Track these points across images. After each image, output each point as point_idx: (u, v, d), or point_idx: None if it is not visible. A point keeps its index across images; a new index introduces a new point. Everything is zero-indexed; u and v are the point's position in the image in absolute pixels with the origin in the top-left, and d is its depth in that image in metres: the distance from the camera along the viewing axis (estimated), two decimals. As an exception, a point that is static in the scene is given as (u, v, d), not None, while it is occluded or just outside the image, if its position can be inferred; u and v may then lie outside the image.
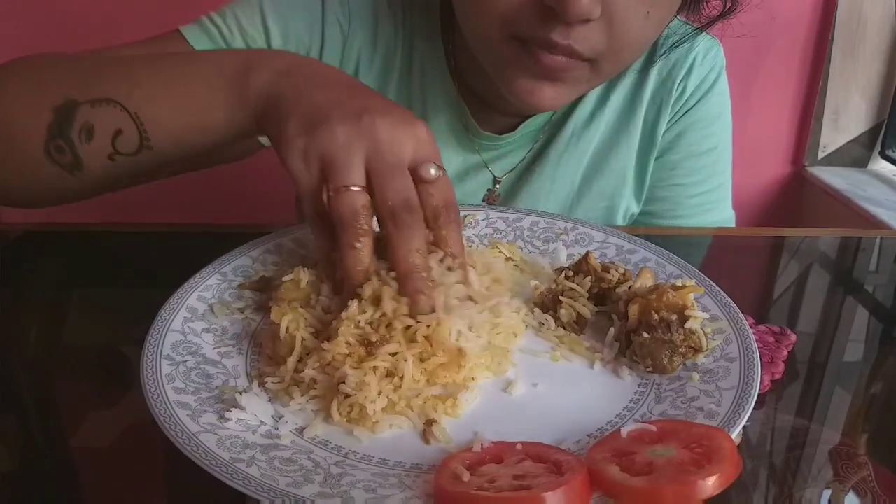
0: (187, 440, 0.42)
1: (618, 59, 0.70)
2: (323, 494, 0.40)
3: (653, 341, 0.52)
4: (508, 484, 0.39)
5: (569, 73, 0.68)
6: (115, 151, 0.62)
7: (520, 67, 0.69)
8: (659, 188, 0.91)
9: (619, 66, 0.72)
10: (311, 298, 0.54)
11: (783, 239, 0.87)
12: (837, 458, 0.49)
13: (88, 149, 0.62)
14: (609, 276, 0.59)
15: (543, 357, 0.55)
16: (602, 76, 0.72)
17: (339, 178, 0.52)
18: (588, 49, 0.66)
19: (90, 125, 0.61)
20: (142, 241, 0.80)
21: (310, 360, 0.49)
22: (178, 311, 0.55)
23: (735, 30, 0.81)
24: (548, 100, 0.71)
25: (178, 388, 0.47)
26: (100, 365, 0.59)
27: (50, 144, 0.62)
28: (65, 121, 0.61)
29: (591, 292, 0.59)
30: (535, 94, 0.70)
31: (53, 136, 0.61)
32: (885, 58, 1.86)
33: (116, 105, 0.61)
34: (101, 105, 0.61)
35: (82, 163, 0.62)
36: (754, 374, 0.49)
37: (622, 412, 0.49)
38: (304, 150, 0.53)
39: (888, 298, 0.74)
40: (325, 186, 0.53)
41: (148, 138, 0.62)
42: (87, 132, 0.61)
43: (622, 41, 0.67)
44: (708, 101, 0.89)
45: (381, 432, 0.47)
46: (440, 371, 0.50)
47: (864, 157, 1.97)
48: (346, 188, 0.52)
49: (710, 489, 0.38)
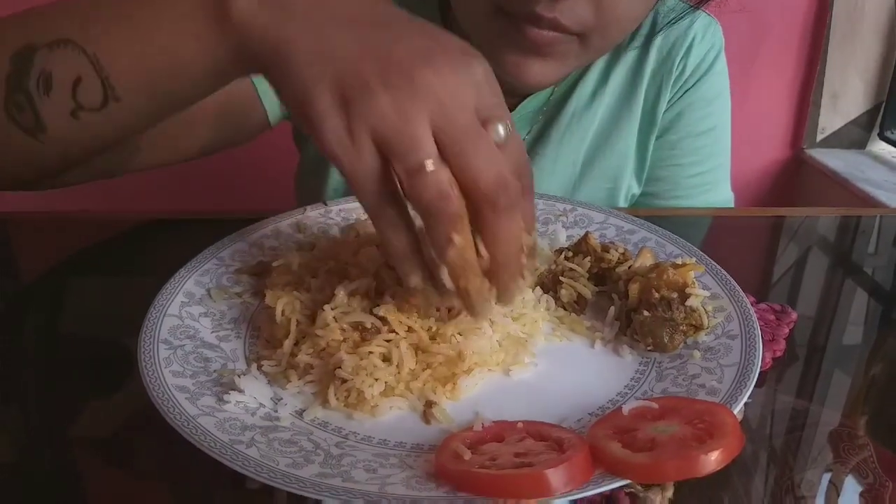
0: (186, 423, 0.42)
1: (606, 33, 0.69)
2: (323, 475, 0.40)
3: (653, 319, 0.52)
4: (510, 462, 0.39)
5: (556, 48, 0.67)
6: (77, 106, 0.51)
7: (507, 42, 0.68)
8: (659, 168, 0.91)
9: (607, 41, 0.72)
10: (305, 281, 0.53)
11: (783, 219, 0.87)
12: (838, 439, 0.49)
13: (48, 104, 0.51)
14: (609, 255, 0.59)
15: (544, 337, 0.54)
16: (591, 52, 0.72)
17: (410, 157, 0.41)
18: (574, 23, 0.65)
19: (48, 73, 0.50)
20: (139, 227, 0.79)
21: (304, 345, 0.49)
22: (176, 296, 0.55)
23: (731, 5, 0.80)
24: (536, 75, 0.70)
25: (176, 372, 0.47)
26: (98, 352, 0.59)
27: (10, 102, 0.51)
28: (23, 70, 0.50)
29: (590, 272, 0.59)
30: (523, 69, 0.69)
31: (13, 91, 0.51)
32: (883, 39, 1.85)
33: (72, 45, 0.50)
34: (59, 48, 0.50)
35: (43, 122, 0.52)
36: (756, 351, 0.49)
37: (623, 390, 0.49)
38: (348, 130, 0.42)
39: (888, 279, 0.74)
40: (392, 170, 0.42)
41: (112, 87, 0.50)
42: (45, 82, 0.50)
43: (610, 15, 0.66)
44: (707, 81, 0.88)
45: (381, 416, 0.47)
46: (439, 366, 0.49)
47: (863, 139, 1.97)
48: (423, 168, 0.41)
49: (713, 463, 0.38)
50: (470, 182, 0.42)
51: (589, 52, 0.71)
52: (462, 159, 0.42)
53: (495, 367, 0.51)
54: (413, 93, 0.41)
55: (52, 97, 0.51)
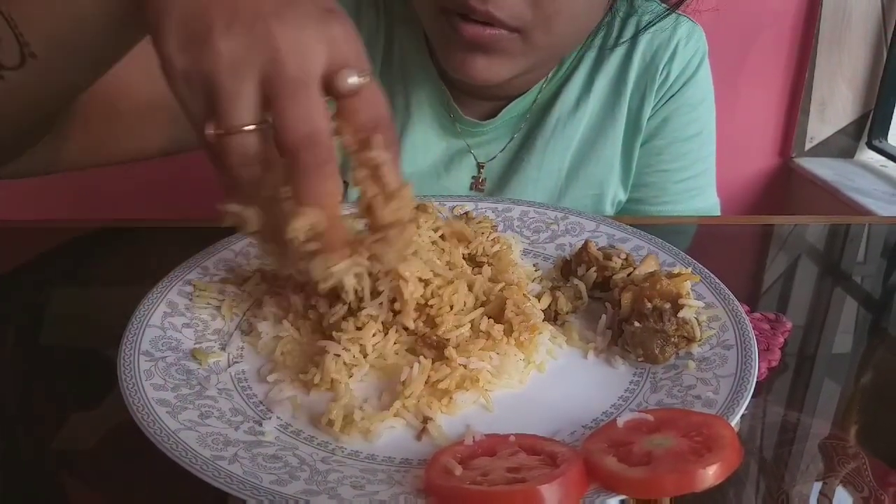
0: (166, 438, 0.41)
1: (549, 29, 0.69)
2: (309, 492, 0.38)
3: (644, 330, 0.51)
4: (502, 477, 0.38)
5: (497, 45, 0.69)
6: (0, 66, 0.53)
7: (450, 40, 0.70)
8: (645, 174, 0.91)
9: (553, 37, 0.72)
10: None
11: (772, 227, 0.86)
12: (833, 450, 0.48)
13: None
14: (612, 263, 0.58)
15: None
16: (538, 48, 0.72)
17: (224, 115, 0.41)
18: (508, 16, 0.66)
19: None
20: (122, 236, 0.78)
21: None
22: (158, 306, 0.53)
23: (708, 3, 0.82)
24: (482, 71, 0.71)
25: (157, 385, 0.46)
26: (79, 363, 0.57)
27: None
28: None
29: (595, 283, 0.58)
30: (468, 66, 0.71)
31: None
32: (871, 48, 1.86)
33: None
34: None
35: None
36: (752, 361, 0.48)
37: (617, 402, 0.48)
38: (185, 74, 0.42)
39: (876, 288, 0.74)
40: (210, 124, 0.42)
41: (27, 42, 0.52)
42: None
43: (549, 8, 0.67)
44: (692, 86, 0.89)
45: (376, 440, 0.45)
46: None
47: (852, 148, 1.97)
48: (234, 129, 0.41)
49: (711, 478, 0.37)
50: (278, 136, 0.41)
51: (536, 49, 0.72)
52: (276, 112, 0.41)
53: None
54: (250, 44, 0.41)
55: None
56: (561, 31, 0.72)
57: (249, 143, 0.42)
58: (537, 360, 0.51)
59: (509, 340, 0.50)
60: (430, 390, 0.47)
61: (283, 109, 0.41)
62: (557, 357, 0.53)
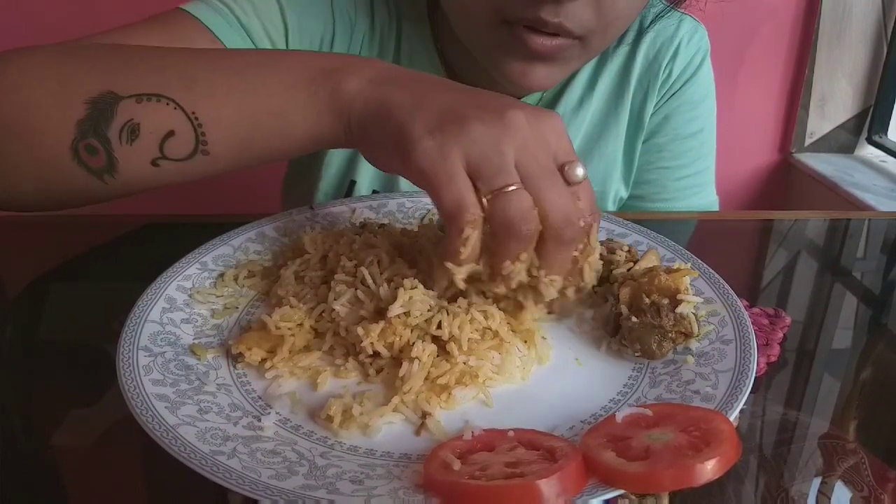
0: (165, 433, 0.41)
1: (606, 33, 0.69)
2: (307, 487, 0.38)
3: (641, 326, 0.51)
4: (501, 472, 0.38)
5: (561, 53, 0.68)
6: (161, 156, 0.54)
7: (510, 51, 0.69)
8: (646, 171, 0.91)
9: (607, 41, 0.72)
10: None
11: (772, 223, 0.86)
12: (832, 447, 0.48)
13: (129, 151, 0.54)
14: (616, 256, 0.58)
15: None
16: (591, 52, 0.72)
17: (497, 178, 0.46)
18: (577, 26, 0.65)
19: (135, 124, 0.53)
20: (120, 230, 0.78)
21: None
22: (157, 302, 0.53)
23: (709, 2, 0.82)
24: (541, 79, 0.71)
25: (156, 380, 0.46)
26: (78, 359, 0.57)
27: (79, 143, 0.54)
28: (101, 116, 0.53)
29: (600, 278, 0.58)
30: (528, 76, 0.70)
31: (85, 134, 0.53)
32: (870, 43, 1.86)
33: (169, 102, 0.53)
34: (150, 101, 0.53)
35: (117, 166, 0.54)
36: (751, 356, 0.48)
37: (616, 397, 0.48)
38: (440, 149, 0.46)
39: (875, 283, 0.74)
40: (477, 189, 0.46)
41: (206, 142, 0.54)
42: (131, 132, 0.53)
43: (610, 15, 0.66)
44: (694, 84, 0.89)
45: (375, 435, 0.45)
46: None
47: (851, 143, 1.97)
48: (508, 189, 0.46)
49: (710, 473, 0.37)
50: (542, 213, 0.47)
51: (589, 53, 0.72)
52: (539, 193, 0.46)
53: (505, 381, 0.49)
54: (504, 128, 0.47)
55: (135, 146, 0.54)
56: (614, 35, 0.72)
57: (527, 200, 0.46)
58: (539, 353, 0.51)
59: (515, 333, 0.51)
60: (430, 386, 0.47)
61: (546, 192, 0.47)
62: (555, 351, 0.52)
